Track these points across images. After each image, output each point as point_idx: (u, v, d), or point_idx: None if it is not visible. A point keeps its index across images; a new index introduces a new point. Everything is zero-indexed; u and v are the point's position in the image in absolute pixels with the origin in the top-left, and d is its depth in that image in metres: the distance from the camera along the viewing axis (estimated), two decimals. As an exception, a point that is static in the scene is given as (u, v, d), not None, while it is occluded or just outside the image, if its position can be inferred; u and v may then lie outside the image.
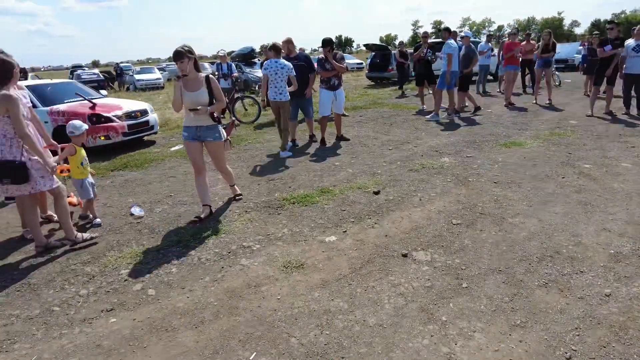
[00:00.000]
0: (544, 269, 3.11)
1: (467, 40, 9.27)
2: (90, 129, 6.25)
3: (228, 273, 3.20)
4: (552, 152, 6.15)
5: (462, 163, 5.78)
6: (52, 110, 7.35)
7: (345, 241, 3.63)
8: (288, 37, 7.08)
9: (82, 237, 3.81)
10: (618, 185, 4.70)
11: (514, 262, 3.22)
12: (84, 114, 7.23)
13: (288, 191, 4.92)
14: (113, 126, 7.43)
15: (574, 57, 21.52)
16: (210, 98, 4.09)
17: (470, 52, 9.10)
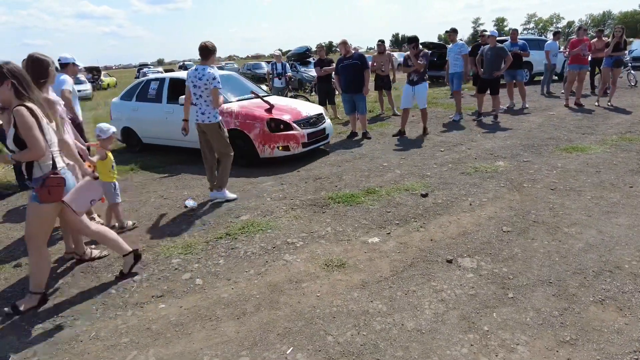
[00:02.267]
0: (601, 284, 2.91)
1: (493, 40, 8.59)
2: (266, 136, 5.97)
3: (271, 267, 3.29)
4: (619, 158, 5.70)
5: (517, 167, 5.52)
6: (222, 110, 5.73)
7: (389, 243, 3.61)
8: (343, 39, 7.46)
9: (91, 253, 3.60)
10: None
11: (567, 274, 3.04)
12: (261, 118, 6.05)
13: (334, 190, 4.95)
14: (294, 135, 6.12)
15: (652, 56, 19.75)
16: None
17: (502, 53, 8.45)
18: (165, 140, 7.32)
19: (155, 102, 7.24)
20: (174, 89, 7.08)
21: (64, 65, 4.83)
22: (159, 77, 7.69)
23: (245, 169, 6.11)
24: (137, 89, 7.68)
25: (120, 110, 7.87)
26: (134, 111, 7.57)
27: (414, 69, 7.42)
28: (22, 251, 3.88)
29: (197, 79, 4.59)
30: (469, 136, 7.47)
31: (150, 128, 7.43)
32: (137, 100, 7.57)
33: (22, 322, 2.80)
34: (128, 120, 7.70)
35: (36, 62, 3.18)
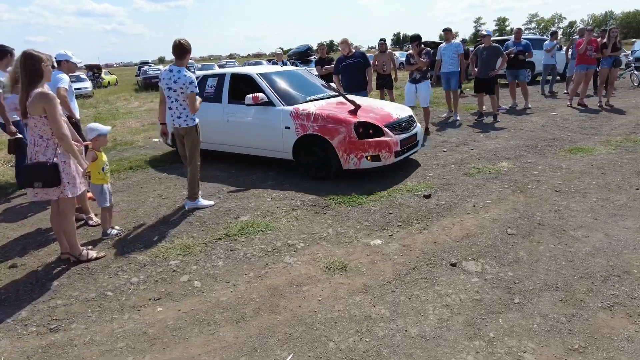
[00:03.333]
0: (609, 289, 2.83)
1: (488, 39, 8.52)
2: (353, 143, 4.90)
3: (271, 270, 3.22)
4: (625, 160, 5.63)
5: (521, 169, 5.44)
6: (297, 112, 5.23)
7: (391, 245, 3.53)
8: (344, 38, 7.41)
9: (87, 255, 3.50)
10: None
11: (574, 279, 2.97)
12: (347, 121, 4.98)
13: (335, 191, 4.88)
14: (386, 142, 4.96)
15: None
16: None
17: (497, 52, 8.34)
18: (225, 147, 6.18)
19: (214, 102, 6.11)
20: (236, 86, 6.10)
21: (59, 62, 4.74)
22: (217, 72, 6.44)
23: (243, 169, 6.04)
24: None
25: None
26: None
27: (417, 67, 7.34)
28: (18, 251, 3.82)
29: (172, 81, 4.22)
30: (472, 136, 7.40)
31: (208, 132, 5.86)
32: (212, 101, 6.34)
33: (16, 324, 2.73)
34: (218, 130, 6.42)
35: (29, 59, 3.08)
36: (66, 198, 3.27)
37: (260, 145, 5.71)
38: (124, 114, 13.76)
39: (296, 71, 6.94)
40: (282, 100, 5.56)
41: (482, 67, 8.45)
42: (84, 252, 3.52)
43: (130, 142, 8.65)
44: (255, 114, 5.65)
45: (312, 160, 5.31)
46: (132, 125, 11.19)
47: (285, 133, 5.37)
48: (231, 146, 6.11)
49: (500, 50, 8.36)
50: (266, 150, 5.70)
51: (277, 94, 5.63)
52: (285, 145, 5.43)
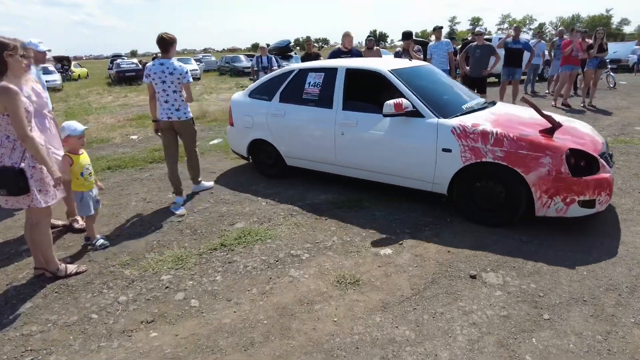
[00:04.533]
0: (637, 302, 2.68)
1: (481, 38, 8.36)
2: (562, 181, 3.36)
3: (277, 285, 2.93)
4: (620, 162, 5.58)
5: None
6: (464, 129, 3.70)
7: (403, 256, 3.29)
8: (347, 31, 7.31)
9: (65, 270, 3.13)
10: None
11: (599, 291, 2.80)
12: (554, 148, 3.42)
13: (335, 193, 4.61)
14: (606, 180, 3.42)
15: (628, 58, 20.28)
16: None
17: (491, 51, 8.20)
18: (333, 167, 4.63)
19: (319, 107, 4.59)
20: (355, 87, 4.58)
21: None
22: (325, 66, 4.81)
23: (229, 169, 5.69)
24: (283, 83, 4.97)
25: (249, 113, 5.17)
26: (275, 117, 4.89)
27: None
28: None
29: (165, 74, 4.16)
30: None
31: (307, 146, 4.72)
32: (283, 101, 4.90)
33: (-16, 357, 2.34)
34: (263, 129, 5.03)
35: None
36: (38, 208, 2.86)
37: (393, 170, 4.17)
38: (97, 109, 13.06)
39: (428, 67, 5.02)
40: (433, 109, 3.95)
41: (475, 66, 8.33)
42: (61, 266, 3.12)
43: (106, 140, 8.12)
44: (390, 128, 4.06)
45: (481, 199, 3.76)
46: (107, 121, 10.59)
47: (442, 157, 3.79)
48: (343, 167, 4.54)
49: (494, 49, 8.26)
50: (402, 178, 4.15)
51: (425, 101, 4.01)
52: (438, 174, 3.87)
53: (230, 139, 5.73)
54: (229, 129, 5.59)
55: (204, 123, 9.25)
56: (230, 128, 5.53)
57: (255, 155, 5.38)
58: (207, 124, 9.18)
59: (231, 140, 5.69)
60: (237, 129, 5.39)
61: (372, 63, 4.63)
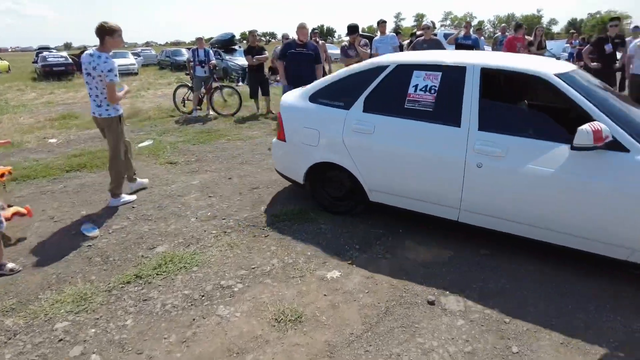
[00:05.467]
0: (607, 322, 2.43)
1: (429, 32, 8.03)
2: None
3: (201, 330, 2.40)
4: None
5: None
6: None
7: (353, 278, 2.88)
8: (302, 22, 6.59)
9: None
10: None
11: (567, 311, 2.54)
12: None
13: (277, 204, 4.12)
14: None
15: (560, 55, 21.33)
16: None
17: (439, 46, 7.83)
18: (452, 212, 3.20)
19: (436, 123, 3.14)
20: (496, 95, 3.41)
21: None
22: (443, 61, 3.20)
23: (156, 177, 5.03)
24: (369, 84, 3.45)
25: (312, 125, 3.68)
26: (358, 134, 3.42)
27: (359, 59, 6.76)
28: None
29: (90, 67, 3.82)
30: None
31: (410, 178, 3.29)
32: (370, 111, 3.41)
33: None
34: (336, 149, 3.56)
35: None
36: None
37: (572, 228, 2.77)
38: (15, 107, 11.63)
39: (582, 72, 3.34)
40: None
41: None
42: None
43: (18, 144, 7.08)
44: (572, 165, 2.69)
45: None
46: (24, 121, 9.38)
47: None
48: (472, 213, 3.12)
49: (441, 44, 8.07)
50: (590, 241, 2.74)
51: (624, 126, 2.67)
52: None
53: (277, 158, 4.10)
54: (277, 143, 4.00)
55: (135, 123, 8.39)
56: (280, 143, 3.94)
57: (317, 184, 3.86)
58: (139, 124, 8.33)
59: (279, 160, 4.09)
60: (290, 146, 3.83)
61: (524, 62, 3.11)
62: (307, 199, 4.17)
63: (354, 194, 3.70)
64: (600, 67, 7.96)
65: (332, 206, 3.87)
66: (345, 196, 3.79)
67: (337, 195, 3.83)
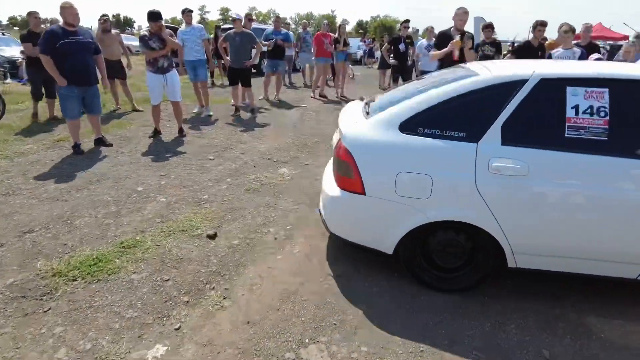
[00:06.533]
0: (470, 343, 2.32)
1: (239, 24, 7.43)
2: None
3: None
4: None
5: (304, 174, 4.79)
6: None
7: (185, 351, 2.12)
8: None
9: None
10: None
11: (437, 337, 2.34)
12: None
13: (61, 253, 2.97)
14: None
15: (356, 52, 23.69)
16: None
17: (251, 39, 7.49)
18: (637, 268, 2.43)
19: (611, 155, 2.30)
20: None
21: None
22: (622, 76, 2.43)
23: None
24: (503, 105, 2.39)
25: (419, 169, 2.46)
26: (503, 178, 2.35)
27: (164, 52, 5.72)
28: None
29: None
30: (236, 137, 6.38)
31: (584, 231, 2.39)
32: (511, 142, 2.37)
33: None
34: (463, 200, 2.44)
35: None
36: None
37: None
38: None
39: None
40: None
41: (235, 55, 7.51)
42: None
43: None
44: None
45: None
46: None
47: None
48: None
49: (254, 37, 7.59)
50: None
51: None
52: None
53: (346, 218, 2.77)
54: (347, 198, 2.65)
55: None
56: (353, 198, 2.63)
57: (415, 252, 2.69)
58: None
59: (350, 221, 2.76)
60: (375, 202, 2.58)
61: None
62: (107, 235, 3.15)
63: (481, 262, 2.64)
64: (397, 64, 8.80)
65: (439, 281, 2.72)
66: (466, 265, 2.70)
67: (454, 265, 2.71)
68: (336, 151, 2.71)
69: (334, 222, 2.81)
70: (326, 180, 2.94)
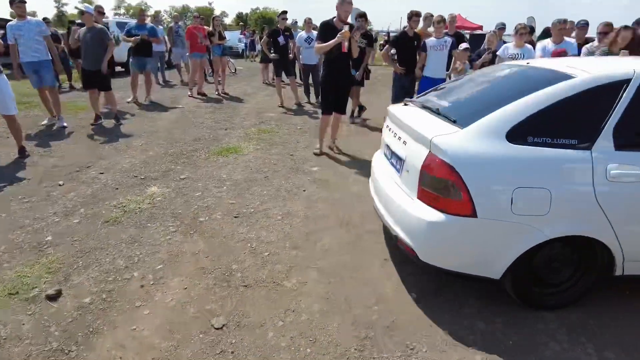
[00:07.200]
0: None
1: (89, 18, 6.37)
2: None
3: None
4: (273, 155, 5.33)
5: (178, 192, 4.12)
6: None
7: None
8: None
9: None
10: (356, 188, 4.25)
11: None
12: None
13: None
14: None
15: (237, 45, 22.77)
16: None
17: (103, 36, 6.42)
18: None
19: None
20: None
21: None
22: None
23: None
24: (611, 108, 2.17)
25: (531, 181, 2.13)
26: (625, 184, 2.15)
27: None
28: None
29: None
30: (95, 152, 5.36)
31: None
32: (625, 147, 2.16)
33: None
34: (582, 213, 2.18)
35: None
36: None
37: None
38: None
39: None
40: None
41: (87, 55, 6.37)
42: None
43: None
44: None
45: None
46: None
47: None
48: None
49: (107, 33, 6.50)
50: None
51: None
52: None
53: (450, 246, 2.36)
54: (452, 223, 2.25)
55: None
56: (461, 222, 2.25)
57: (524, 272, 2.38)
58: None
59: (456, 249, 2.37)
60: (487, 224, 2.24)
61: None
62: None
63: (584, 276, 2.49)
64: (278, 57, 8.37)
65: (541, 299, 2.51)
66: (570, 282, 2.52)
67: (564, 287, 2.52)
68: (429, 167, 2.31)
69: (430, 251, 2.40)
70: (395, 200, 2.58)
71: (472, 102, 2.73)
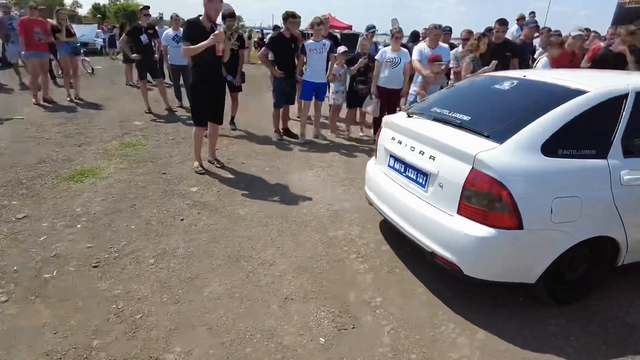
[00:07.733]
0: None
1: None
2: None
3: None
4: (141, 176, 4.54)
5: (13, 239, 3.18)
6: None
7: None
8: None
9: None
10: (244, 210, 3.79)
11: None
12: None
13: None
14: None
15: (94, 41, 20.13)
16: None
17: None
18: None
19: None
20: None
21: None
22: None
23: None
24: (617, 120, 2.52)
25: (566, 191, 2.40)
26: (633, 187, 2.53)
27: None
28: None
29: None
30: None
31: None
32: (631, 154, 2.53)
33: None
34: (604, 216, 2.52)
35: None
36: None
37: None
38: None
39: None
40: None
41: None
42: None
43: None
44: None
45: None
46: None
47: None
48: None
49: None
50: None
51: None
52: None
53: (492, 259, 2.45)
54: (502, 236, 2.33)
55: None
56: (507, 235, 2.34)
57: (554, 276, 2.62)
58: None
59: (498, 261, 2.47)
60: (531, 234, 2.38)
61: None
62: None
63: (593, 270, 2.78)
64: (140, 59, 7.35)
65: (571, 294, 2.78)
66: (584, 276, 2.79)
67: (572, 279, 2.76)
68: (473, 183, 2.37)
69: (475, 265, 2.47)
70: (426, 215, 2.63)
71: (495, 116, 2.81)
